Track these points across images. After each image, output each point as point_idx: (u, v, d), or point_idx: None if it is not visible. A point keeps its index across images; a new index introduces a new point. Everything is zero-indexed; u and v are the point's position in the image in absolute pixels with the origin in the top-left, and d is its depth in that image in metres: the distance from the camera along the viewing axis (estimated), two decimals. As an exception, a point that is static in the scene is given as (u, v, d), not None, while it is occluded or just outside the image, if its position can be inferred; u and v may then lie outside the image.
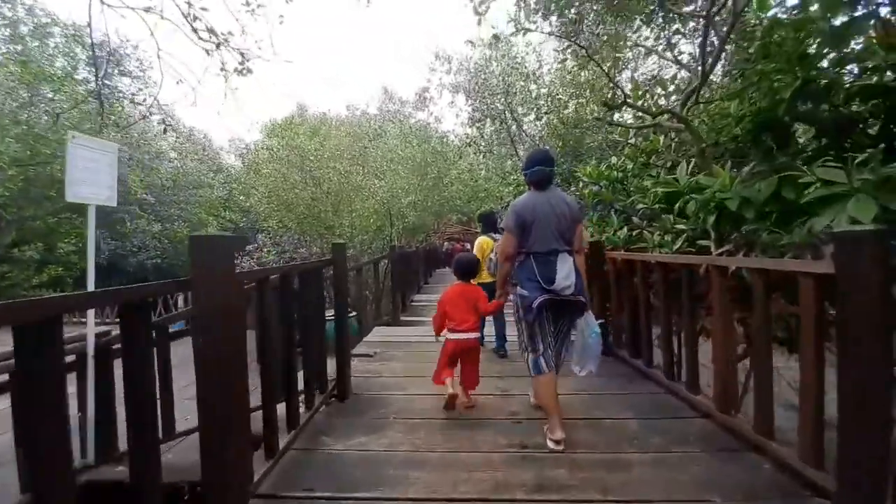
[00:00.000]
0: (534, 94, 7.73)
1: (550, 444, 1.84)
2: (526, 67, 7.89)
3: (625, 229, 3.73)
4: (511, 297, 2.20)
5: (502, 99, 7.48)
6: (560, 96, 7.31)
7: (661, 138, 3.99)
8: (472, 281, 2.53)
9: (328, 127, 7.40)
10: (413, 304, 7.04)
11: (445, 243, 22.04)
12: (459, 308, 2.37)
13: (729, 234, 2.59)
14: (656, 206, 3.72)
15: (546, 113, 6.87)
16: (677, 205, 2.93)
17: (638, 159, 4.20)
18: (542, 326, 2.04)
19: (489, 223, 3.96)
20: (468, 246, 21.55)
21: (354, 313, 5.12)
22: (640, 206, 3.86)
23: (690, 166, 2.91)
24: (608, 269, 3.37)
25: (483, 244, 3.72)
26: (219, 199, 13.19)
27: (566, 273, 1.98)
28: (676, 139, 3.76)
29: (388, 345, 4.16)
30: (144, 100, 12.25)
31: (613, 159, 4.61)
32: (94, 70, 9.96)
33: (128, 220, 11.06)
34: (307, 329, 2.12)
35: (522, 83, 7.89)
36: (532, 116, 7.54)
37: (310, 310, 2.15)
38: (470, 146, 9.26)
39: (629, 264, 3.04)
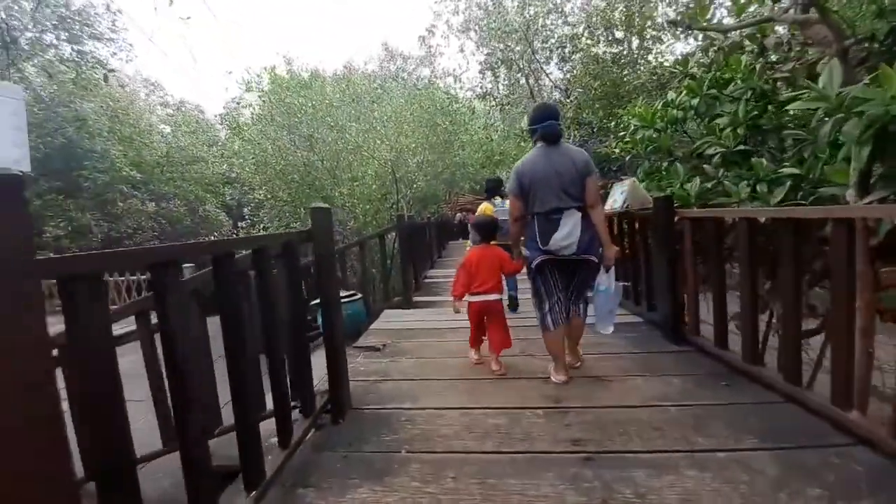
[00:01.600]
0: (557, 35, 6.68)
1: (554, 380, 2.12)
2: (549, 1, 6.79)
3: (696, 180, 2.94)
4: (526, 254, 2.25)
5: (521, 39, 6.46)
6: (588, 38, 6.26)
7: (743, 59, 3.09)
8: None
9: (322, 82, 6.52)
10: (427, 281, 6.45)
11: (458, 214, 21.24)
12: (482, 269, 2.41)
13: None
14: (740, 146, 2.92)
15: (575, 52, 5.87)
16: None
17: (704, 93, 3.33)
18: (546, 284, 2.13)
19: (492, 188, 4.14)
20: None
21: (359, 296, 4.54)
22: (714, 149, 3.06)
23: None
24: (682, 234, 2.61)
25: (484, 209, 3.84)
26: (217, 175, 12.58)
27: (567, 232, 1.99)
28: (774, 55, 2.87)
29: (400, 334, 3.56)
30: (112, 70, 11.52)
31: (671, 94, 3.74)
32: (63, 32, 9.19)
33: (120, 201, 10.59)
34: (273, 327, 1.49)
35: (543, 21, 6.82)
36: (556, 59, 6.53)
37: (277, 299, 1.51)
38: (484, 98, 8.28)
39: (716, 225, 2.30)
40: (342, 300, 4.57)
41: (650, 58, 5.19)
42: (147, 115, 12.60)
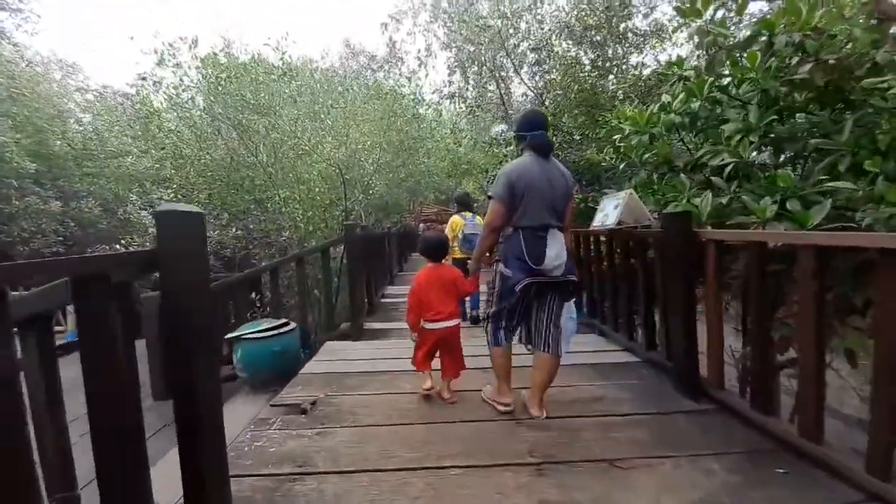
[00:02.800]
0: (533, 35, 6.33)
1: (500, 408, 2.04)
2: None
3: (708, 195, 2.49)
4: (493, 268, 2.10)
5: (495, 37, 6.02)
6: (567, 39, 5.95)
7: (758, 56, 2.73)
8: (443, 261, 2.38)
9: (264, 70, 5.63)
10: (384, 301, 5.71)
11: (421, 225, 20.64)
12: (436, 293, 2.21)
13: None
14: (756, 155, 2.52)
15: (551, 55, 5.50)
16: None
17: (706, 95, 2.96)
18: (517, 308, 1.99)
19: (462, 202, 4.20)
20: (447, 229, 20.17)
21: (292, 326, 3.74)
22: (721, 159, 2.65)
23: None
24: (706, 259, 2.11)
25: (454, 223, 3.96)
26: (147, 170, 11.04)
27: (557, 251, 1.88)
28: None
29: (340, 380, 2.83)
30: (14, 44, 9.85)
31: (665, 97, 3.35)
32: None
33: (14, 198, 8.95)
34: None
35: (515, 23, 6.46)
36: (530, 62, 6.15)
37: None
38: (452, 99, 7.78)
39: (759, 252, 1.81)
40: (268, 332, 3.73)
41: (633, 61, 4.93)
42: (59, 100, 10.93)
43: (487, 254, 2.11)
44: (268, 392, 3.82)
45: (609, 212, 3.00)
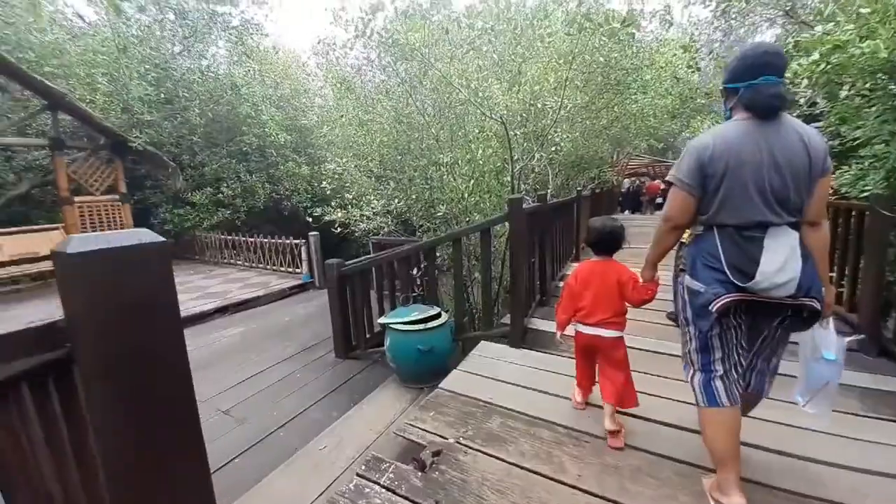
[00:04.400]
0: None
1: None
2: None
3: None
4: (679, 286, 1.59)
5: None
6: None
7: None
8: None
9: (433, 22, 4.99)
10: (561, 287, 4.65)
11: (626, 181, 17.42)
12: (593, 294, 1.94)
13: None
14: None
15: None
16: None
17: None
18: (725, 340, 1.47)
19: None
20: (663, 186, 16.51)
21: (444, 318, 3.21)
22: None
23: None
24: None
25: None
26: (337, 137, 12.75)
27: (783, 261, 1.33)
28: None
29: (483, 415, 2.24)
30: (266, 34, 12.40)
31: None
32: None
33: (280, 164, 11.91)
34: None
35: None
36: None
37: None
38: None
39: None
40: (416, 325, 3.30)
41: None
42: (299, 78, 13.55)
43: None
44: (415, 388, 3.49)
45: None
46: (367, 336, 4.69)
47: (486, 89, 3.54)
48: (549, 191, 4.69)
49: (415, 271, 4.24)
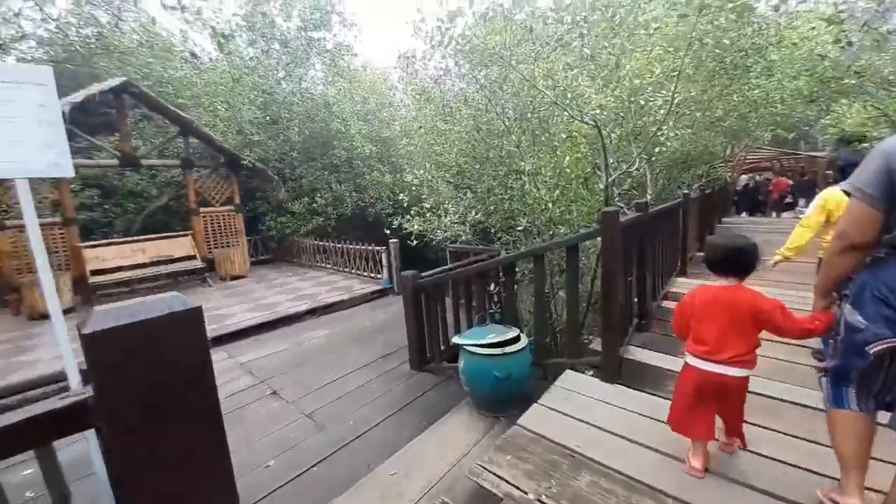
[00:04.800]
0: None
1: None
2: None
3: None
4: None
5: None
6: None
7: None
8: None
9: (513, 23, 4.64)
10: (668, 304, 4.03)
11: (742, 177, 15.05)
12: (720, 324, 1.63)
13: None
14: None
15: None
16: None
17: None
18: (871, 377, 1.32)
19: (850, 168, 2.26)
20: (811, 211, 14.03)
21: (524, 341, 2.93)
22: None
23: None
24: None
25: (830, 201, 2.61)
26: (417, 148, 12.97)
27: None
28: None
29: (569, 470, 2.04)
30: (355, 54, 13.09)
31: None
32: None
33: (366, 173, 12.62)
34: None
35: None
36: None
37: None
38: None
39: None
40: (492, 348, 3.07)
41: None
42: (384, 92, 14.19)
43: None
44: (490, 416, 3.26)
45: None
46: (442, 349, 4.59)
47: (576, 88, 3.18)
48: (647, 196, 4.10)
49: (492, 287, 4.01)
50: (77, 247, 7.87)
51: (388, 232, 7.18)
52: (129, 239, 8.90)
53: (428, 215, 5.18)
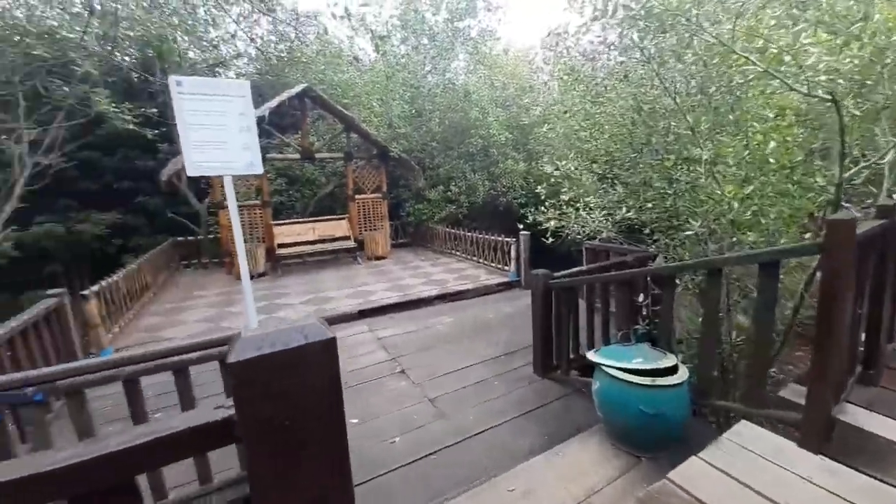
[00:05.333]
0: None
1: None
2: None
3: None
4: None
5: None
6: None
7: None
8: None
9: None
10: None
11: None
12: None
13: None
14: None
15: None
16: None
17: None
18: None
19: None
20: None
21: (680, 376, 2.38)
22: None
23: None
24: None
25: None
26: (558, 136, 11.98)
27: None
28: None
29: None
30: (497, 38, 12.61)
31: None
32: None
33: (500, 161, 12.46)
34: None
35: None
36: None
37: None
38: None
39: None
40: (640, 376, 2.58)
41: None
42: (525, 76, 13.59)
43: None
44: (629, 453, 2.80)
45: None
46: (571, 357, 4.19)
47: (798, 50, 2.28)
48: (884, 194, 2.84)
49: (640, 298, 3.42)
50: (270, 224, 9.80)
51: (520, 227, 6.89)
52: (304, 220, 10.70)
53: (565, 208, 4.71)
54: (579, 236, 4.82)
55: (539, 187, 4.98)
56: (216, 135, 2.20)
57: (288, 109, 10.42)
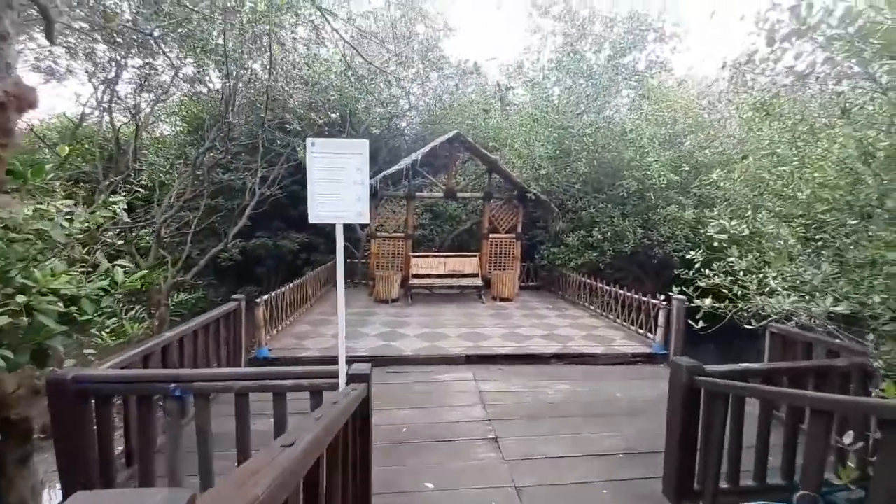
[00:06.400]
0: None
1: None
2: None
3: None
4: None
5: None
6: None
7: None
8: None
9: None
10: None
11: None
12: None
13: None
14: None
15: None
16: None
17: None
18: None
19: None
20: None
21: None
22: None
23: None
24: None
25: None
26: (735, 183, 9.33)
27: None
28: None
29: None
30: (669, 69, 10.84)
31: None
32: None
33: (660, 206, 10.69)
34: None
35: None
36: None
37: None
38: None
39: None
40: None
41: None
42: (700, 111, 11.52)
43: None
44: None
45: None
46: (723, 487, 2.97)
47: None
48: None
49: (846, 439, 2.17)
50: (409, 255, 10.57)
51: (677, 291, 5.52)
52: (438, 254, 11.19)
53: (741, 274, 3.47)
54: (759, 314, 3.48)
55: (692, 252, 3.86)
56: (334, 187, 2.44)
57: (440, 152, 11.29)
